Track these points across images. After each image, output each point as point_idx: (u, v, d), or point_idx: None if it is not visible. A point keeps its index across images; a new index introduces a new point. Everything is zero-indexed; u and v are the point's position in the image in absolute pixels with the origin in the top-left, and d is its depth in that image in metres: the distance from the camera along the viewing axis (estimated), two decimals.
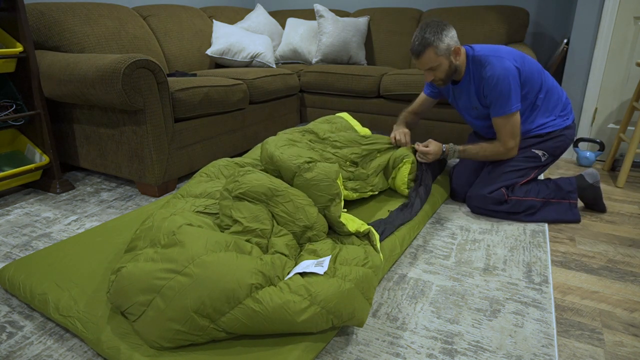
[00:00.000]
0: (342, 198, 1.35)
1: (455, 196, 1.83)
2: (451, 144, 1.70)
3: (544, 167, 1.68)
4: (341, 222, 1.26)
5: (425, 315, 1.09)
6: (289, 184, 1.33)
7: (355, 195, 1.61)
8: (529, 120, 1.66)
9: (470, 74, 1.62)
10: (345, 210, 1.55)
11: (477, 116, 1.72)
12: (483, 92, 1.59)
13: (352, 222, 1.29)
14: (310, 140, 1.69)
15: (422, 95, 1.92)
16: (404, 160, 1.66)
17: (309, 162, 1.36)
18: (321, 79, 2.72)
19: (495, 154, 1.64)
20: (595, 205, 1.75)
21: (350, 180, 1.61)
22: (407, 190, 1.66)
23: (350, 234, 1.27)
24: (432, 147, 1.68)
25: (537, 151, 1.65)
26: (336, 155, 1.64)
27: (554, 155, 1.67)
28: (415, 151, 1.73)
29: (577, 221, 1.65)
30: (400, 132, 1.79)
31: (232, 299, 0.90)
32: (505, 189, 1.62)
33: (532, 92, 1.60)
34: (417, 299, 1.16)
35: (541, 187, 1.64)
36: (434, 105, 2.41)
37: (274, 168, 1.43)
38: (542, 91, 1.62)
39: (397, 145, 1.78)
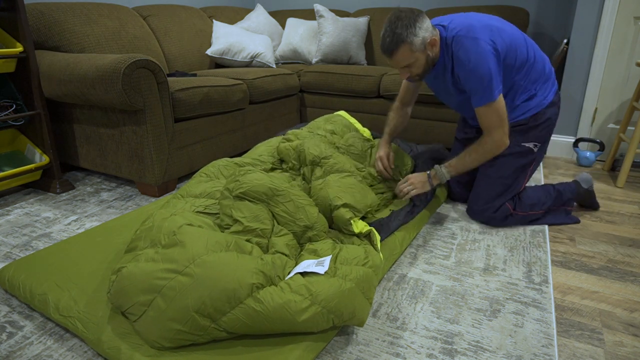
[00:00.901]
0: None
1: (455, 197, 1.81)
2: (436, 166, 1.53)
3: (539, 159, 1.58)
4: (349, 221, 1.28)
5: (425, 315, 1.09)
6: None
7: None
8: (510, 102, 1.51)
9: (444, 58, 1.44)
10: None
11: (458, 103, 1.58)
12: (458, 78, 1.42)
13: (357, 224, 1.30)
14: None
15: (405, 83, 1.70)
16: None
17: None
18: (321, 79, 2.72)
19: (487, 152, 1.46)
20: (590, 205, 1.77)
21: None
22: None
23: (354, 234, 1.28)
24: (412, 179, 1.52)
25: (527, 144, 1.54)
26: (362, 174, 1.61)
27: (544, 142, 1.56)
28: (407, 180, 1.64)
29: (576, 222, 1.65)
30: (383, 160, 1.61)
31: (233, 298, 0.90)
32: (511, 202, 1.56)
33: (517, 67, 1.43)
34: (417, 299, 1.16)
35: (546, 199, 1.60)
36: (434, 106, 2.41)
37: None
38: (528, 63, 1.45)
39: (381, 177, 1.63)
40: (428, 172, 1.53)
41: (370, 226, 1.34)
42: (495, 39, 1.36)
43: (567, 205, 1.65)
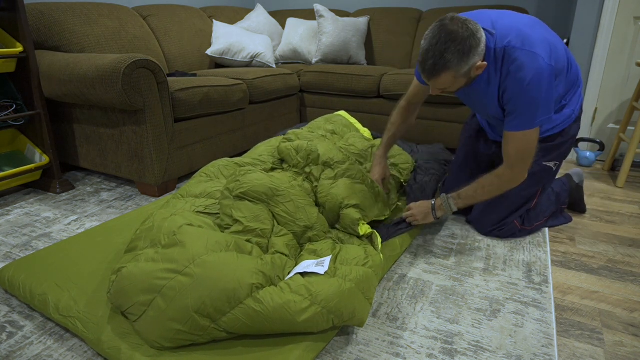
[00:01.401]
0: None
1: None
2: (442, 195, 1.39)
3: (555, 176, 1.48)
4: (357, 221, 1.28)
5: (425, 315, 1.09)
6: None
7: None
8: None
9: (489, 72, 1.22)
10: None
11: (493, 117, 1.38)
12: (504, 96, 1.22)
13: (362, 227, 1.31)
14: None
15: (415, 83, 1.48)
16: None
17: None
18: (321, 79, 2.71)
19: (502, 187, 1.30)
20: (577, 205, 1.73)
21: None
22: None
23: (357, 235, 1.28)
24: (414, 209, 1.42)
25: (548, 164, 1.42)
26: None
27: (563, 159, 1.46)
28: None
29: (569, 222, 1.65)
30: (379, 184, 1.51)
31: (233, 298, 0.90)
32: (519, 219, 1.48)
33: (559, 88, 1.27)
34: (417, 299, 1.16)
35: (549, 206, 1.55)
36: (434, 106, 2.41)
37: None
38: (564, 71, 1.26)
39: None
40: (433, 201, 1.41)
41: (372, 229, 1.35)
42: (551, 54, 1.16)
43: (562, 204, 1.65)
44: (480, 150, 1.63)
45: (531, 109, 1.16)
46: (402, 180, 1.67)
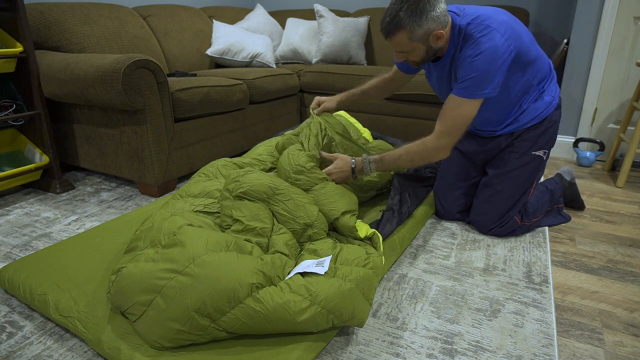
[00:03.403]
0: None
1: (442, 216, 1.64)
2: (364, 155, 1.37)
3: (544, 166, 1.51)
4: (355, 228, 1.27)
5: (425, 315, 1.09)
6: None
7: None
8: (518, 107, 1.40)
9: (455, 50, 1.29)
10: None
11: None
12: (457, 72, 1.27)
13: (362, 228, 1.29)
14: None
15: (395, 68, 1.57)
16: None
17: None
18: (321, 79, 2.71)
19: (423, 155, 1.29)
20: (575, 202, 1.75)
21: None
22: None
23: (361, 239, 1.27)
24: (335, 164, 1.38)
25: (537, 152, 1.46)
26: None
27: (551, 147, 1.49)
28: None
29: (568, 221, 1.65)
30: (319, 102, 1.58)
31: (233, 298, 0.90)
32: (518, 214, 1.50)
33: (529, 64, 1.31)
34: (417, 299, 1.16)
35: (543, 202, 1.57)
36: (431, 106, 2.41)
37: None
38: (536, 60, 1.33)
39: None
40: (353, 160, 1.38)
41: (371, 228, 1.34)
42: (513, 40, 1.22)
43: (557, 203, 1.65)
44: (474, 150, 1.58)
45: (477, 78, 1.20)
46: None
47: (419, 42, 1.22)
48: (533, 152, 1.46)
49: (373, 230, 1.29)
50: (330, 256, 1.10)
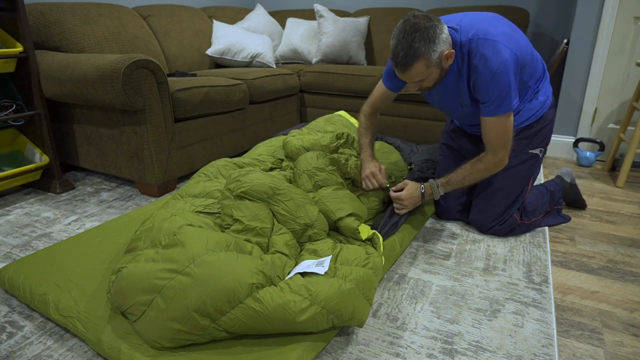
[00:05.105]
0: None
1: (443, 216, 1.65)
2: (431, 181, 1.43)
3: (541, 163, 1.53)
4: (357, 230, 1.27)
5: (425, 315, 1.09)
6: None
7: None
8: (520, 107, 1.44)
9: (459, 66, 1.31)
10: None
11: (468, 113, 1.46)
12: (474, 87, 1.30)
13: (364, 230, 1.30)
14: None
15: (382, 88, 1.54)
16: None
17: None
18: (321, 79, 2.72)
19: (487, 172, 1.37)
20: (576, 202, 1.76)
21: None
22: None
23: (363, 240, 1.27)
24: (406, 190, 1.42)
25: (533, 150, 1.48)
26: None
27: (547, 145, 1.52)
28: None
29: (568, 221, 1.65)
30: (370, 177, 1.49)
31: (233, 298, 0.90)
32: (517, 212, 1.50)
33: (526, 66, 1.34)
34: (417, 299, 1.16)
35: (543, 201, 1.58)
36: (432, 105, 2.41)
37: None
38: (531, 61, 1.36)
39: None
40: (422, 185, 1.44)
41: (372, 229, 1.34)
42: (513, 45, 1.25)
43: (557, 204, 1.65)
44: (464, 147, 1.63)
45: (502, 96, 1.25)
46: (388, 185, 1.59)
47: (435, 67, 1.23)
48: (530, 151, 1.49)
49: (373, 230, 1.29)
50: (330, 256, 1.10)
